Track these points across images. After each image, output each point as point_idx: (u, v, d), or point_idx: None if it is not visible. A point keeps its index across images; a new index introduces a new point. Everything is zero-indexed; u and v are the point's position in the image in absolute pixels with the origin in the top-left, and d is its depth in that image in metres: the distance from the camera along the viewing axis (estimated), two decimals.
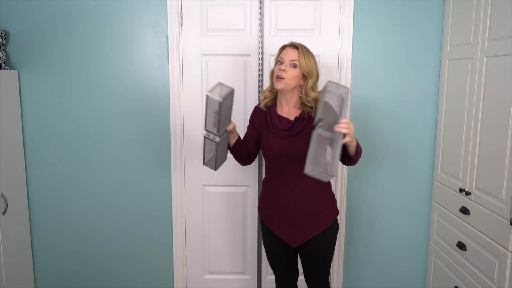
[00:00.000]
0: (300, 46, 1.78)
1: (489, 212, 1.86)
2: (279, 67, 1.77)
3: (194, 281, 2.60)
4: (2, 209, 2.21)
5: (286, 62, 1.76)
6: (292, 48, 1.79)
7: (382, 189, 2.48)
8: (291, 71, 1.76)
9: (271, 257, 1.99)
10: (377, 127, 2.42)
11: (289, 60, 1.76)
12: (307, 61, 1.76)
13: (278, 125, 1.83)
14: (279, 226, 1.88)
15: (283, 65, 1.76)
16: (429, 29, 2.33)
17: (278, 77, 1.77)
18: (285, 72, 1.75)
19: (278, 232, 1.88)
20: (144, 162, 2.45)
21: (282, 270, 2.00)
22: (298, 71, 1.77)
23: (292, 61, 1.76)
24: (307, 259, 1.91)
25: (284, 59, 1.78)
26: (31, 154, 2.44)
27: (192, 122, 2.43)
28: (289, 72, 1.75)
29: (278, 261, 1.98)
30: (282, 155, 1.81)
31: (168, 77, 2.38)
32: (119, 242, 2.54)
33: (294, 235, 1.85)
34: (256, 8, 2.33)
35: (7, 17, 2.32)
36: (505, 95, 1.74)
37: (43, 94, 2.39)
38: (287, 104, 1.85)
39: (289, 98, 1.83)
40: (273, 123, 1.85)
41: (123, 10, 2.33)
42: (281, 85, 1.76)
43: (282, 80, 1.76)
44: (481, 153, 1.93)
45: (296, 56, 1.76)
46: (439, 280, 2.36)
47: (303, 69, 1.76)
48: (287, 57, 1.77)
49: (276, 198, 1.87)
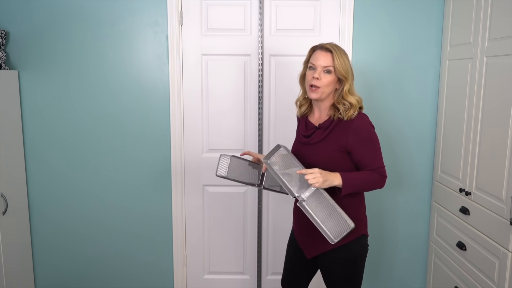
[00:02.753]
0: (333, 48, 1.60)
1: (489, 212, 1.86)
2: (312, 75, 1.60)
3: (194, 281, 2.60)
4: (2, 209, 2.21)
5: (319, 68, 1.59)
6: (324, 52, 1.60)
7: (381, 189, 2.47)
8: (326, 77, 1.59)
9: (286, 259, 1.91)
10: (377, 127, 2.40)
11: (323, 66, 1.59)
12: (342, 64, 1.58)
13: (303, 130, 1.71)
14: (300, 234, 1.79)
15: (316, 72, 1.59)
16: (429, 29, 2.33)
17: (312, 86, 1.61)
18: (319, 80, 1.59)
19: (299, 240, 1.80)
20: (144, 162, 2.45)
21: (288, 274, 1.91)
22: (333, 76, 1.60)
23: (326, 67, 1.59)
24: (325, 276, 1.75)
25: (316, 65, 1.60)
26: (31, 154, 2.44)
27: (192, 122, 2.43)
28: (324, 79, 1.59)
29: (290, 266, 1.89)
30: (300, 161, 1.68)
31: (168, 77, 2.38)
32: (119, 242, 2.54)
33: (309, 245, 1.74)
34: (256, 8, 2.33)
35: (7, 17, 2.32)
36: (505, 95, 1.74)
37: (43, 94, 2.39)
38: (319, 109, 1.70)
39: (322, 104, 1.67)
40: (300, 127, 1.75)
41: (123, 10, 2.33)
42: (317, 95, 1.61)
43: (317, 90, 1.60)
44: (481, 153, 1.93)
45: (330, 61, 1.59)
46: (439, 280, 2.36)
47: (339, 73, 1.59)
48: (319, 62, 1.59)
49: None
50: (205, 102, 2.42)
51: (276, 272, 2.54)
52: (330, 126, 1.63)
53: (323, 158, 1.62)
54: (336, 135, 1.62)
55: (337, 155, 1.62)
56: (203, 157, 2.46)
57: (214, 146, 2.46)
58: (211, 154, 2.45)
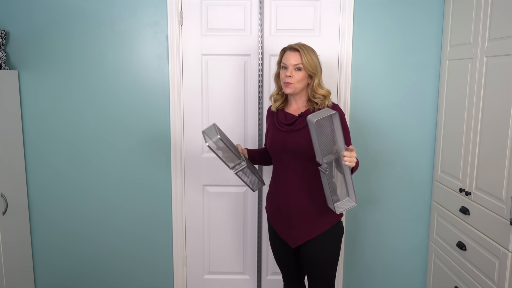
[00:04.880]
0: (300, 48, 1.79)
1: (489, 212, 1.86)
2: (285, 73, 1.79)
3: (194, 281, 2.60)
4: (2, 209, 2.21)
5: (290, 67, 1.78)
6: (293, 52, 1.79)
7: (381, 189, 2.47)
8: (297, 74, 1.78)
9: (275, 256, 2.00)
10: (377, 127, 2.42)
11: (293, 65, 1.78)
12: (310, 60, 1.77)
13: (283, 120, 1.86)
14: (281, 225, 1.88)
15: (288, 70, 1.78)
16: (429, 29, 2.33)
17: (285, 82, 1.79)
18: (291, 77, 1.78)
19: (280, 232, 1.89)
20: (144, 162, 2.45)
21: (286, 269, 2.00)
22: (303, 72, 1.79)
23: (296, 65, 1.78)
24: (308, 263, 1.87)
25: (287, 64, 1.79)
26: (31, 154, 2.44)
27: (192, 122, 2.43)
28: (295, 76, 1.78)
29: (281, 260, 1.98)
30: (283, 150, 1.82)
31: (168, 77, 2.38)
32: (119, 242, 2.54)
33: (293, 235, 1.84)
34: (256, 8, 2.33)
35: (7, 17, 2.32)
36: (505, 95, 1.74)
37: (43, 94, 2.39)
38: (296, 102, 1.88)
39: (298, 97, 1.86)
40: (278, 119, 1.88)
41: (123, 10, 2.33)
42: (290, 89, 1.80)
43: (290, 85, 1.79)
44: (481, 153, 1.93)
45: (298, 59, 1.77)
46: (439, 280, 2.36)
47: (308, 70, 1.78)
48: (290, 61, 1.78)
49: (278, 197, 1.87)
50: (205, 102, 2.42)
51: (276, 272, 2.54)
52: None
53: (306, 142, 1.73)
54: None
55: None
56: (203, 157, 2.47)
57: None
58: (211, 154, 2.45)
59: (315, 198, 1.80)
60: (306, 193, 1.80)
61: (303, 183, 1.80)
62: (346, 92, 2.37)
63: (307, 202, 1.80)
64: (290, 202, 1.82)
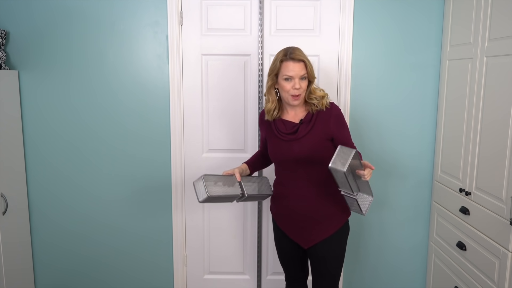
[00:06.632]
0: (302, 57, 1.74)
1: (489, 212, 1.86)
2: (292, 86, 1.72)
3: (194, 281, 2.60)
4: (2, 209, 2.21)
5: (296, 78, 1.72)
6: (297, 63, 1.72)
7: (382, 189, 2.47)
8: (303, 83, 1.74)
9: (280, 255, 1.98)
10: (377, 127, 2.42)
11: (300, 76, 1.73)
12: (311, 68, 1.76)
13: (283, 129, 1.81)
14: (290, 227, 1.86)
15: (296, 82, 1.72)
16: (429, 29, 2.33)
17: (294, 96, 1.74)
18: (300, 89, 1.73)
19: (290, 233, 1.87)
20: (143, 162, 2.45)
21: (291, 268, 1.99)
22: (307, 80, 1.76)
23: (302, 76, 1.73)
24: (317, 262, 1.86)
25: (293, 76, 1.72)
26: (31, 154, 2.44)
27: (192, 122, 2.43)
28: (303, 86, 1.74)
29: (287, 260, 1.97)
30: (289, 159, 1.79)
31: (168, 77, 2.38)
32: (119, 242, 2.54)
33: (305, 236, 1.83)
34: (256, 8, 2.33)
35: (7, 17, 2.32)
36: (505, 95, 1.74)
37: (43, 94, 2.39)
38: (294, 108, 1.83)
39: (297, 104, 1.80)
40: (277, 128, 1.83)
41: (123, 10, 2.33)
42: (299, 101, 1.76)
43: (299, 97, 1.75)
44: (481, 153, 1.93)
45: (304, 69, 1.73)
46: (439, 280, 2.36)
47: (311, 77, 1.77)
48: (297, 73, 1.72)
49: (286, 200, 1.85)
50: (205, 102, 2.42)
51: (276, 272, 2.54)
52: (312, 119, 1.78)
53: (311, 149, 1.74)
54: (319, 125, 1.77)
55: (322, 144, 1.76)
56: (203, 157, 2.46)
57: (214, 146, 2.46)
58: (211, 154, 2.45)
59: (324, 199, 1.79)
60: (315, 196, 1.79)
61: (310, 187, 1.79)
62: (346, 92, 2.37)
63: (317, 204, 1.79)
64: (299, 206, 1.81)
